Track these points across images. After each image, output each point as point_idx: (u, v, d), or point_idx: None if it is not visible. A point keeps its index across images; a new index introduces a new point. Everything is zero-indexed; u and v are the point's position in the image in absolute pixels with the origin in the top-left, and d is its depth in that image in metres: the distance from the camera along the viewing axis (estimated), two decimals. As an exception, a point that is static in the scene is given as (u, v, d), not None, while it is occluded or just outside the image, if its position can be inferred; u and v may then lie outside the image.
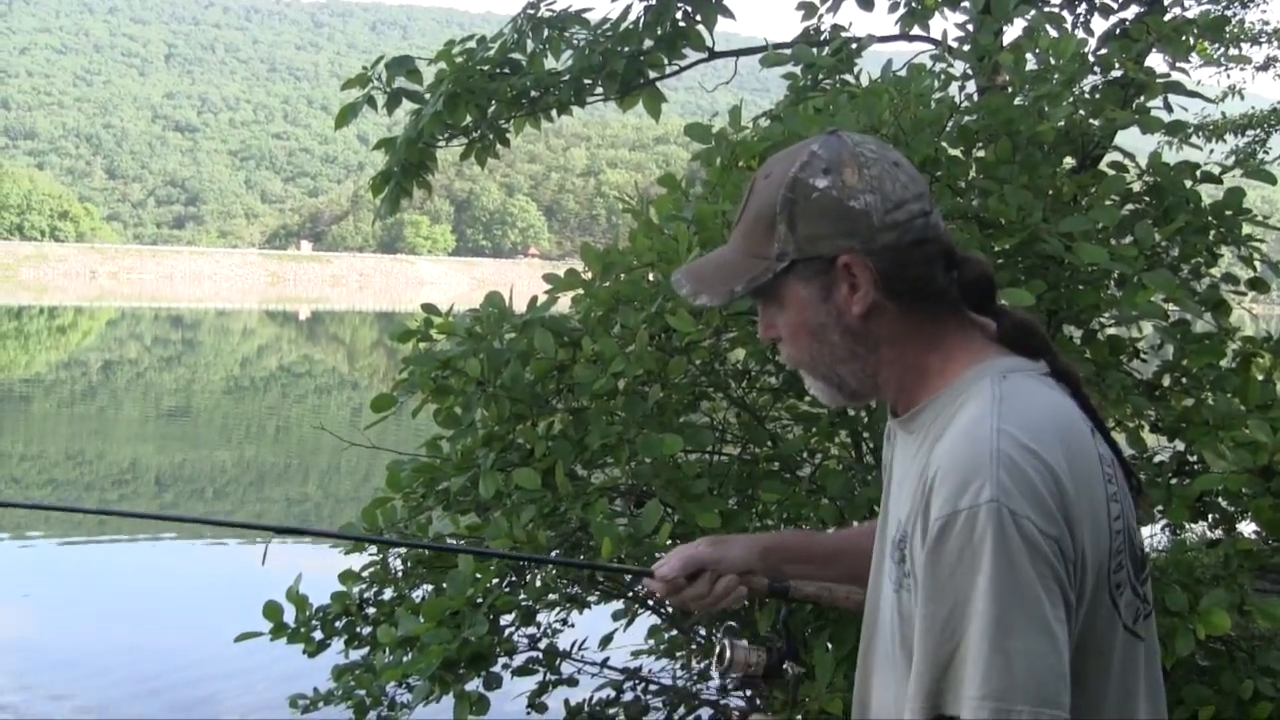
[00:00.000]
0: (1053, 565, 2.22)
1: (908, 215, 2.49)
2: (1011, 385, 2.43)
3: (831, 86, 7.27)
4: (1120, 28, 9.73)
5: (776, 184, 2.53)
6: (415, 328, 6.32)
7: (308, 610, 6.30)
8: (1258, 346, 6.07)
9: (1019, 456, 2.26)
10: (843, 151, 2.52)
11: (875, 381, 2.59)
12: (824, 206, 2.48)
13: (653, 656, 7.72)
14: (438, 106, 9.12)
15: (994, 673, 2.17)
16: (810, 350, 2.59)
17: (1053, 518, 2.23)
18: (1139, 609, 2.48)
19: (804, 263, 2.51)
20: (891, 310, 2.52)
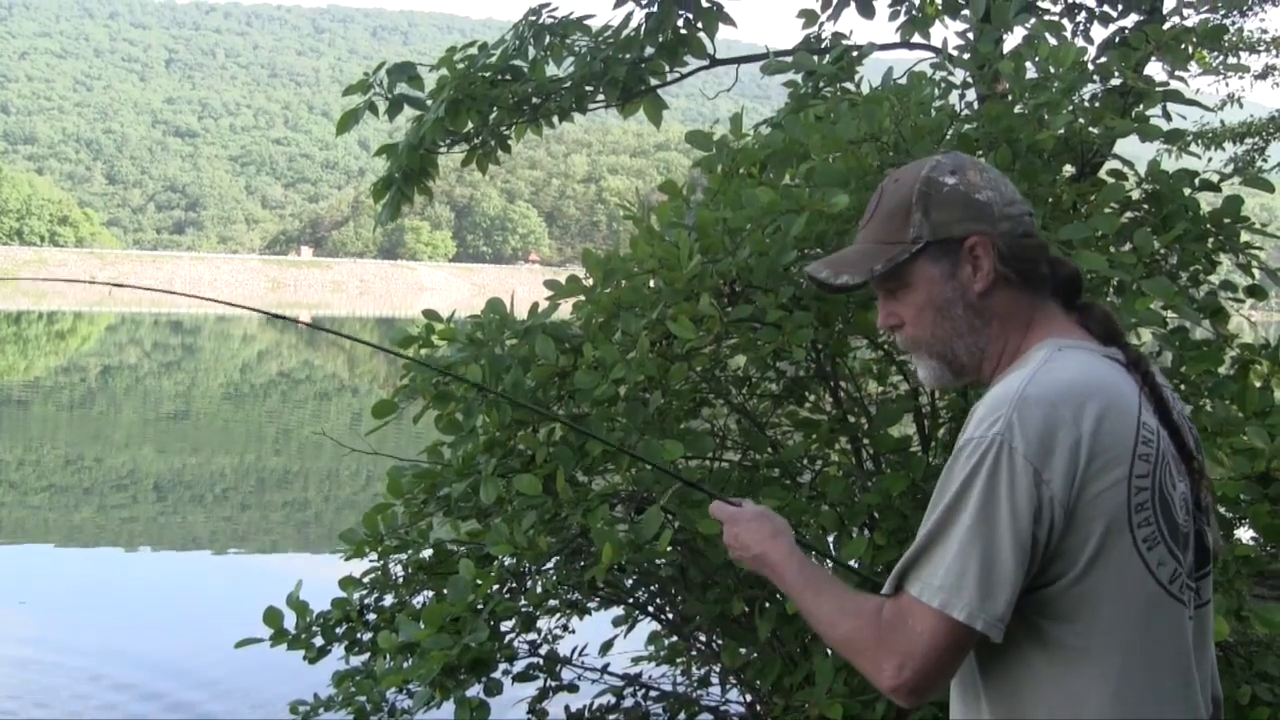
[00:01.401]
0: (1031, 500, 2.59)
1: (1019, 211, 2.94)
2: (1063, 356, 2.80)
3: (832, 94, 7.28)
4: (1119, 36, 9.76)
5: (910, 182, 2.96)
6: (416, 334, 6.32)
7: (308, 616, 6.31)
8: (1256, 354, 6.08)
9: (1034, 403, 2.64)
10: (964, 160, 2.97)
11: (981, 356, 2.96)
12: (954, 197, 2.91)
13: (653, 663, 7.72)
14: (439, 113, 9.15)
15: (952, 572, 2.61)
16: (933, 326, 2.96)
17: (1052, 463, 2.60)
18: (1183, 582, 2.75)
19: (936, 244, 2.91)
20: (1004, 291, 2.91)
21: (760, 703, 6.54)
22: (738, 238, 5.78)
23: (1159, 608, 2.69)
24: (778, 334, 5.53)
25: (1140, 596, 2.67)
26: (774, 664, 6.01)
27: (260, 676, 10.45)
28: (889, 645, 2.66)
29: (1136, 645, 2.67)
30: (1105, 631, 2.64)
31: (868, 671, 2.71)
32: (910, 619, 2.64)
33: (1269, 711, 5.25)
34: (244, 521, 21.71)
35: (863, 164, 5.85)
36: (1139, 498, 2.66)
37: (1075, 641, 2.65)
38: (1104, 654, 2.65)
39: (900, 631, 2.65)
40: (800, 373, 6.56)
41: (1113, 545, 2.64)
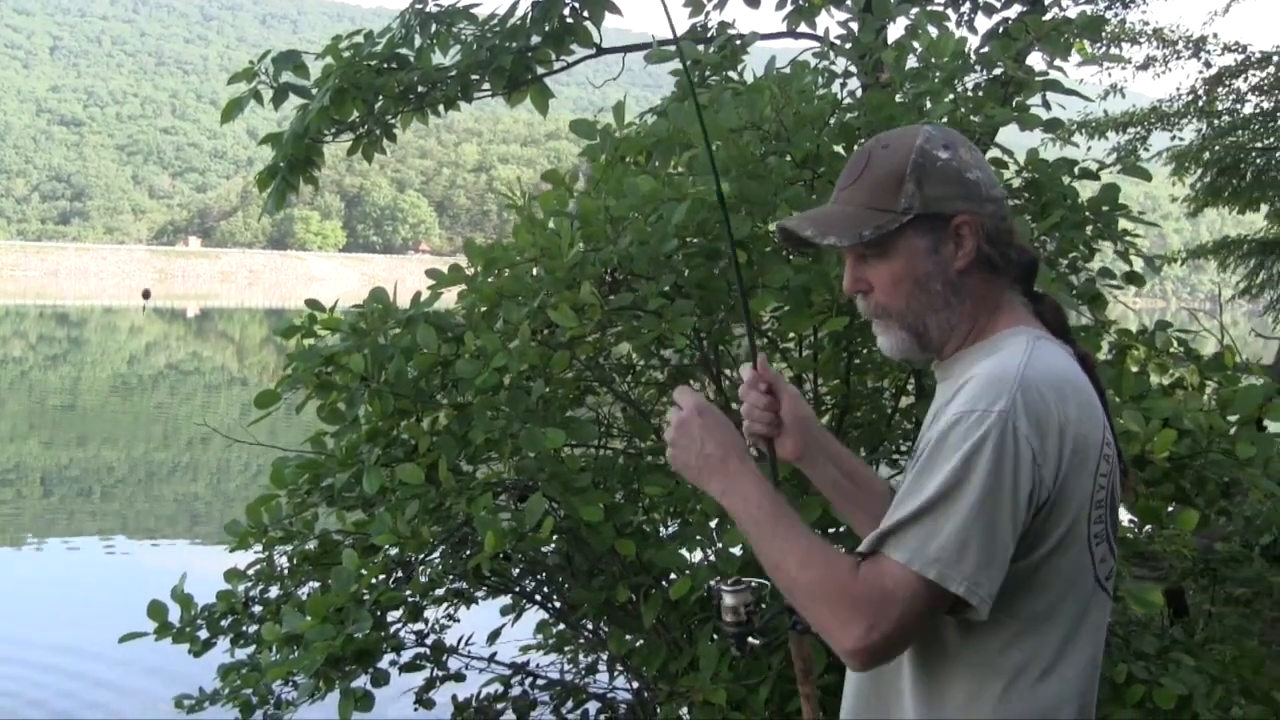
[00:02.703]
0: (1031, 483, 2.61)
1: (1000, 195, 2.96)
2: (1042, 346, 2.83)
3: (717, 83, 7.31)
4: (1003, 26, 9.85)
5: (904, 151, 2.92)
6: (300, 324, 6.29)
7: (193, 610, 6.26)
8: (1133, 339, 6.18)
9: (1037, 389, 2.66)
10: (953, 135, 2.96)
11: (950, 334, 2.95)
12: (947, 173, 2.88)
13: (540, 651, 7.73)
14: (324, 102, 9.09)
15: (952, 545, 2.58)
16: (910, 298, 2.93)
17: (1046, 448, 2.63)
18: (1113, 576, 2.86)
19: (925, 217, 2.88)
20: (981, 272, 2.92)
21: (646, 689, 6.57)
22: (620, 226, 5.80)
23: (1095, 600, 2.78)
24: (659, 322, 5.55)
25: (1084, 589, 2.76)
26: (659, 650, 6.04)
27: (145, 671, 10.35)
28: (862, 606, 2.62)
29: (1074, 633, 2.75)
30: (1047, 617, 2.72)
31: (825, 625, 2.67)
32: (890, 583, 2.61)
33: (1143, 689, 5.32)
34: (132, 515, 21.52)
35: (744, 152, 5.88)
36: (1099, 495, 2.74)
37: (1015, 624, 2.71)
38: (1042, 638, 2.72)
39: (878, 596, 2.62)
40: (684, 360, 6.58)
41: (1072, 537, 2.71)
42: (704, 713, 5.47)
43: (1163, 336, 6.25)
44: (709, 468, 2.96)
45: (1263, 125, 19.00)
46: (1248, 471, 5.44)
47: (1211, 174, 18.42)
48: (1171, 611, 8.71)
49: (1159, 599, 5.47)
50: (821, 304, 5.53)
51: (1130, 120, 20.46)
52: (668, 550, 5.70)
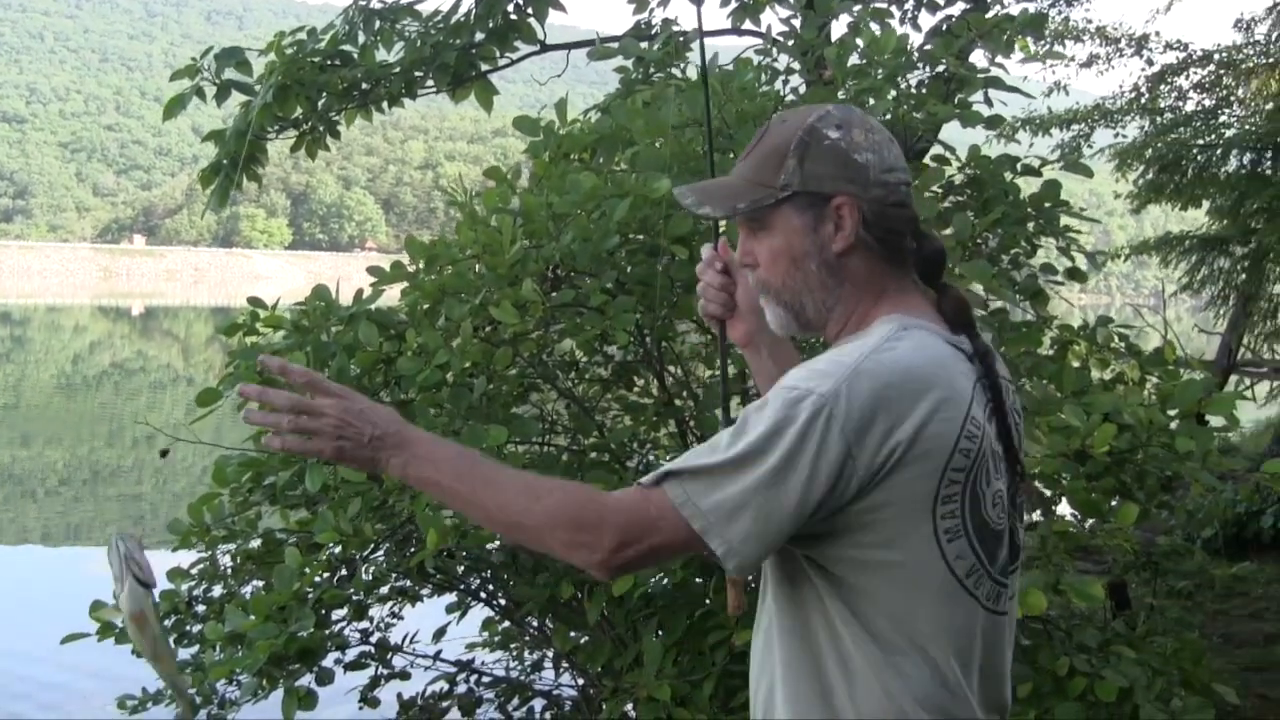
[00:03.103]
0: (831, 473, 2.56)
1: (896, 179, 2.87)
2: (906, 334, 2.76)
3: (661, 80, 7.32)
4: (946, 24, 9.87)
5: (794, 127, 2.88)
6: (242, 321, 6.28)
7: (135, 609, 6.23)
8: (1074, 334, 6.22)
9: (866, 379, 2.61)
10: (853, 116, 2.90)
11: (828, 315, 2.91)
12: (833, 152, 2.83)
13: (486, 649, 7.72)
14: (267, 98, 9.06)
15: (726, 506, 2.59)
16: (785, 275, 2.91)
17: (864, 440, 2.57)
18: (983, 577, 2.75)
19: (804, 195, 2.84)
20: (863, 255, 2.86)
21: (592, 685, 6.57)
22: (562, 223, 5.80)
23: (952, 599, 2.71)
24: (602, 319, 5.56)
25: (935, 586, 2.68)
26: (604, 647, 6.04)
27: (88, 672, 10.31)
28: (617, 524, 2.64)
29: (925, 633, 2.68)
30: (896, 616, 2.66)
31: (572, 541, 2.67)
32: (655, 512, 2.62)
33: (1085, 682, 5.35)
34: (76, 514, 21.43)
35: (686, 149, 5.89)
36: (949, 490, 2.66)
37: (866, 623, 2.67)
38: (890, 637, 2.67)
39: (638, 518, 2.63)
40: (627, 357, 6.60)
41: (913, 532, 2.64)
42: (649, 709, 5.47)
43: (1104, 332, 6.29)
44: (384, 447, 2.80)
45: (1204, 123, 19.14)
46: (1188, 466, 5.48)
47: (1154, 171, 18.51)
48: (1113, 604, 8.77)
49: (1100, 592, 5.49)
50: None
51: (1073, 117, 20.57)
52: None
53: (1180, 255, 19.15)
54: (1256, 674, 9.92)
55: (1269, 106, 19.16)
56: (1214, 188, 18.26)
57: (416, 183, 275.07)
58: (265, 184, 30.70)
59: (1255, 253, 17.50)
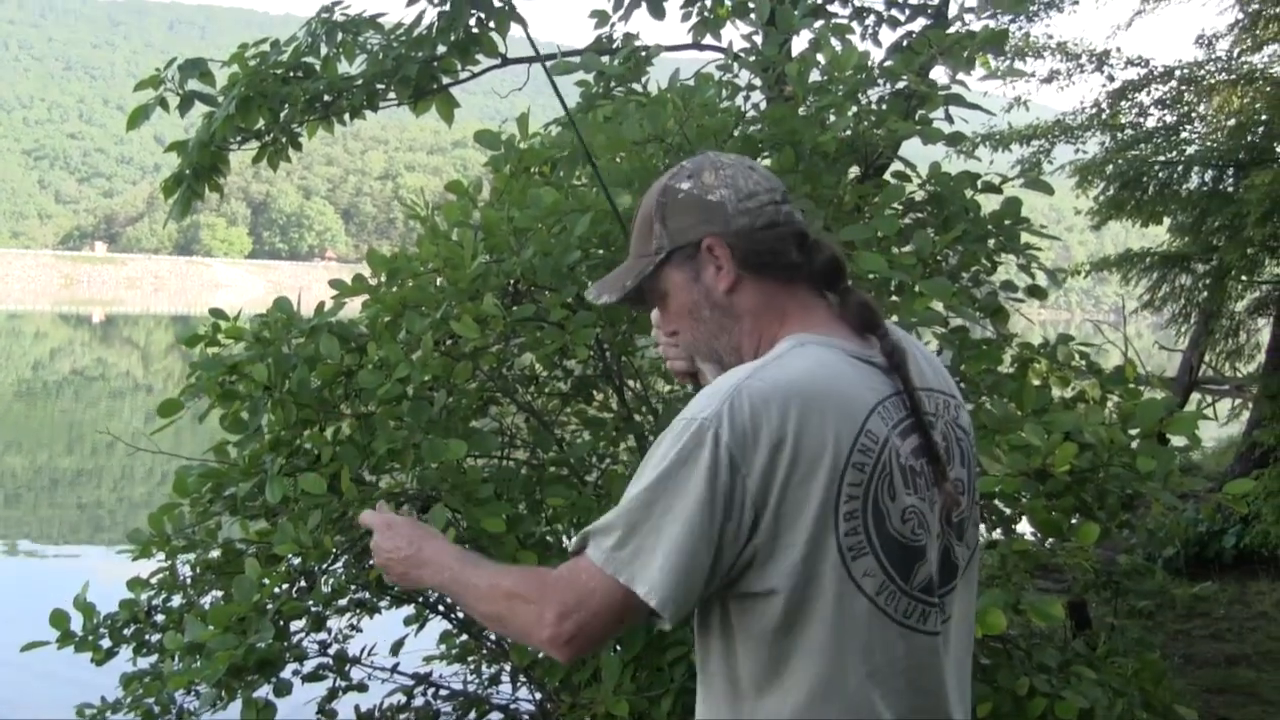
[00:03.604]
0: (725, 491, 2.58)
1: (758, 204, 2.91)
2: (801, 350, 2.79)
3: (622, 94, 7.33)
4: (907, 40, 9.91)
5: (654, 194, 3.01)
6: (203, 332, 6.26)
7: (95, 618, 6.22)
8: (1035, 352, 6.22)
9: (748, 395, 2.62)
10: (705, 160, 2.99)
11: (740, 353, 2.93)
12: (687, 202, 2.93)
13: (444, 662, 7.71)
14: (230, 110, 9.05)
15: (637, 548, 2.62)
16: (692, 330, 2.99)
17: (752, 458, 2.59)
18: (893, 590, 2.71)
19: (678, 251, 2.94)
20: (750, 285, 2.91)
21: (549, 700, 6.56)
22: (523, 237, 5.81)
23: (862, 618, 2.67)
24: (562, 333, 5.57)
25: (843, 606, 2.66)
26: (561, 662, 6.04)
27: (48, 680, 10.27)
28: (554, 596, 2.68)
29: (836, 658, 2.66)
30: (808, 639, 2.65)
31: (527, 625, 2.73)
32: (585, 577, 2.66)
33: (1045, 702, 5.36)
34: (35, 522, 21.34)
35: (647, 165, 5.90)
36: (848, 506, 2.64)
37: (782, 648, 2.66)
38: (805, 663, 2.65)
39: (570, 586, 2.68)
40: (587, 371, 6.60)
41: (816, 552, 2.63)
42: (606, 724, 5.48)
43: (1064, 350, 6.29)
44: (410, 561, 3.09)
45: (1165, 139, 19.17)
46: (1149, 485, 5.48)
47: (1115, 187, 18.53)
48: (1074, 624, 8.82)
49: (1060, 611, 5.50)
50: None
51: (1034, 133, 20.60)
52: (570, 561, 5.71)
53: (1141, 272, 19.20)
54: (1218, 695, 9.96)
55: (1230, 123, 19.21)
56: (1175, 204, 18.31)
57: (376, 193, 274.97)
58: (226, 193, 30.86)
59: (1216, 270, 17.57)
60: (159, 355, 66.06)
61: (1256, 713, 9.58)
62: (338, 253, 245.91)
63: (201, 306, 22.16)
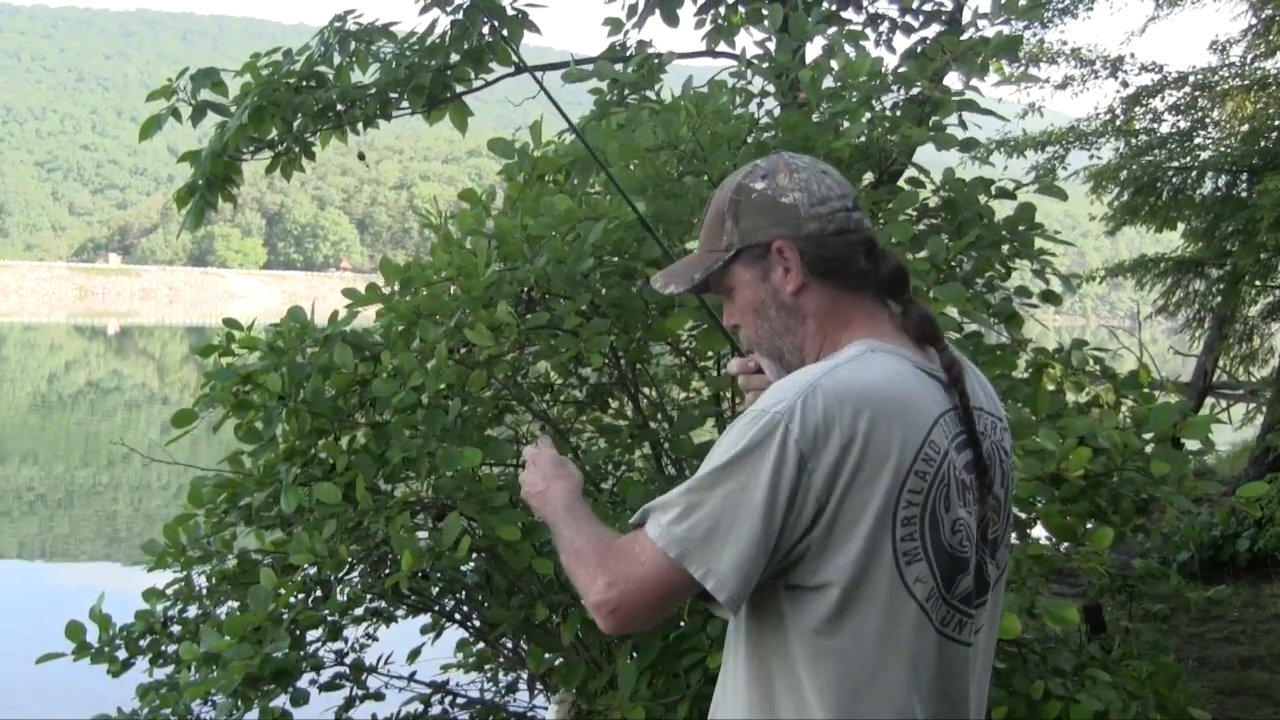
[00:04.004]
0: (791, 486, 2.64)
1: (830, 209, 2.95)
2: (873, 356, 2.83)
3: (636, 102, 7.33)
4: (920, 46, 9.91)
5: (727, 190, 3.05)
6: (218, 342, 6.27)
7: (111, 630, 6.22)
8: (1049, 357, 6.22)
9: (821, 394, 2.68)
10: (779, 161, 3.02)
11: (803, 354, 2.97)
12: (761, 203, 2.97)
13: (460, 670, 7.70)
14: (243, 119, 9.05)
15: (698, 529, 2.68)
16: (756, 328, 3.04)
17: (820, 456, 2.64)
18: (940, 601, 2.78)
19: (747, 250, 2.98)
20: (816, 288, 2.95)
21: (565, 706, 6.56)
22: (536, 245, 5.81)
23: (910, 622, 2.74)
24: (576, 341, 5.57)
25: (893, 608, 2.72)
26: (578, 669, 6.03)
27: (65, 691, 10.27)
28: (609, 564, 2.76)
29: (881, 658, 2.72)
30: (855, 637, 2.70)
31: (583, 586, 2.82)
32: (638, 550, 2.73)
33: (1060, 705, 5.35)
34: (51, 534, 21.36)
35: (660, 172, 5.91)
36: (906, 512, 2.70)
37: (827, 644, 2.70)
38: (850, 660, 2.70)
39: (626, 557, 2.75)
40: (602, 379, 6.60)
41: (872, 552, 2.68)
42: (623, 731, 5.48)
43: (1079, 355, 6.29)
44: (533, 495, 3.19)
45: (1179, 145, 19.11)
46: (1163, 489, 5.48)
47: (1129, 193, 18.48)
48: (1088, 628, 8.79)
49: (1075, 615, 5.50)
50: (738, 323, 5.53)
51: (1048, 139, 20.57)
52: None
53: (1155, 277, 19.15)
54: (1232, 697, 9.94)
55: (1244, 129, 19.18)
56: (1189, 210, 18.25)
57: (391, 203, 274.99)
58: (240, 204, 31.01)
59: (1230, 275, 17.51)
60: (174, 366, 66.10)
61: (1270, 715, 9.56)
62: (353, 263, 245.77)
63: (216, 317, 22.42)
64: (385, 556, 6.13)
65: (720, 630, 5.42)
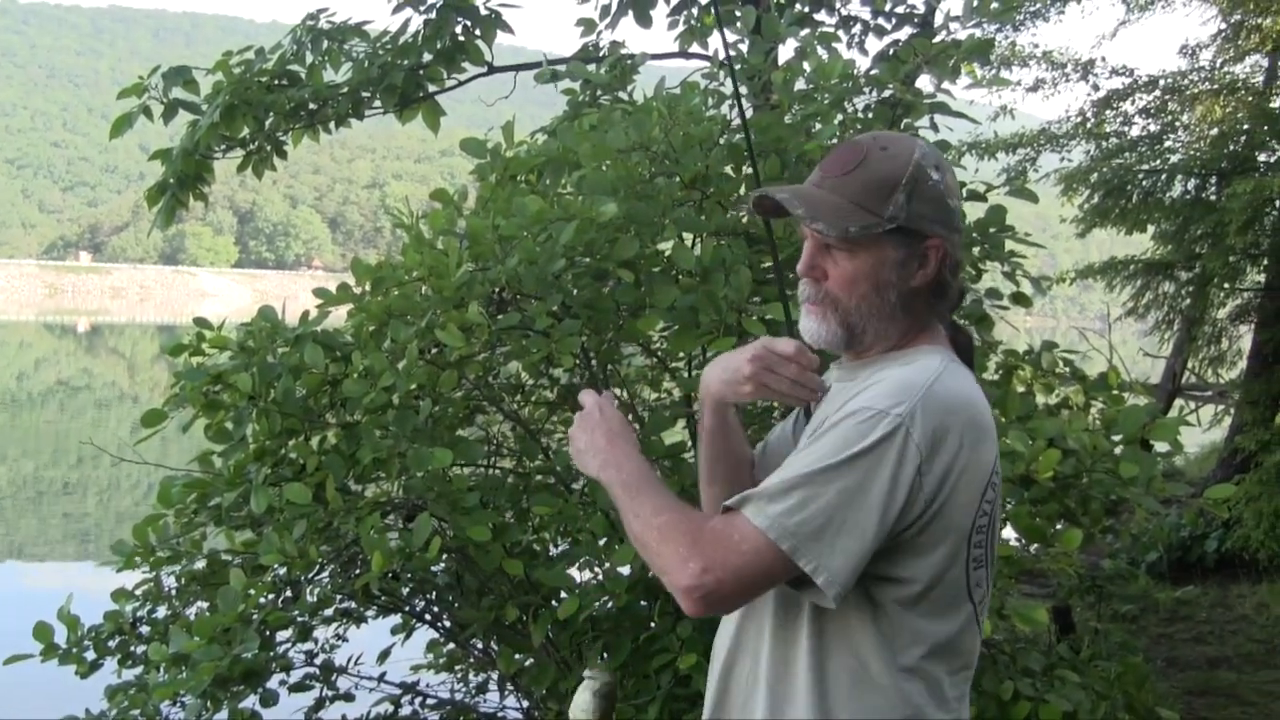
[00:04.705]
0: (909, 490, 2.69)
1: (963, 221, 3.10)
2: (954, 369, 2.91)
3: (609, 103, 7.33)
4: (893, 48, 9.92)
5: (902, 162, 2.96)
6: (188, 342, 6.25)
7: (79, 630, 6.20)
8: (1019, 359, 6.24)
9: (937, 400, 2.75)
10: (943, 159, 3.05)
11: (881, 340, 3.01)
12: (934, 194, 2.96)
13: (431, 671, 7.68)
14: (214, 118, 9.03)
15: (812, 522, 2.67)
16: (862, 299, 2.99)
17: (934, 462, 2.71)
18: (985, 603, 2.96)
19: (904, 231, 2.94)
20: (930, 294, 3.00)
21: (536, 708, 6.57)
22: (508, 246, 5.80)
23: (968, 623, 2.87)
24: (547, 342, 5.57)
25: (959, 610, 2.86)
26: (548, 669, 6.03)
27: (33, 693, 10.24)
28: (703, 548, 2.71)
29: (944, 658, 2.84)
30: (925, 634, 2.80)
31: (667, 563, 2.75)
32: (738, 536, 2.70)
33: (1029, 706, 5.38)
34: (19, 534, 21.29)
35: (632, 173, 5.90)
36: (981, 521, 2.83)
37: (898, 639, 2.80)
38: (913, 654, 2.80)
39: (722, 543, 2.70)
40: (573, 380, 6.60)
41: (952, 557, 2.80)
42: (593, 732, 5.47)
43: (1049, 357, 6.32)
44: (593, 449, 3.06)
45: (1149, 148, 19.17)
46: (1132, 491, 5.51)
47: (1099, 195, 18.54)
48: (1058, 628, 8.82)
49: (1044, 616, 5.54)
50: (709, 324, 5.54)
51: (1019, 142, 20.61)
52: (556, 570, 5.72)
53: (1125, 280, 19.21)
54: (1200, 697, 10.00)
55: (1213, 132, 19.23)
56: (1159, 212, 18.33)
57: (363, 202, 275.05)
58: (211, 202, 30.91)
59: (1199, 278, 17.59)
60: (145, 365, 65.92)
61: (1237, 714, 9.62)
62: (324, 262, 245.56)
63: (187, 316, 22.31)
64: (355, 557, 6.12)
65: (690, 631, 5.43)
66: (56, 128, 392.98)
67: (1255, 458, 14.93)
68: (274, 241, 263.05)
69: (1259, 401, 16.89)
